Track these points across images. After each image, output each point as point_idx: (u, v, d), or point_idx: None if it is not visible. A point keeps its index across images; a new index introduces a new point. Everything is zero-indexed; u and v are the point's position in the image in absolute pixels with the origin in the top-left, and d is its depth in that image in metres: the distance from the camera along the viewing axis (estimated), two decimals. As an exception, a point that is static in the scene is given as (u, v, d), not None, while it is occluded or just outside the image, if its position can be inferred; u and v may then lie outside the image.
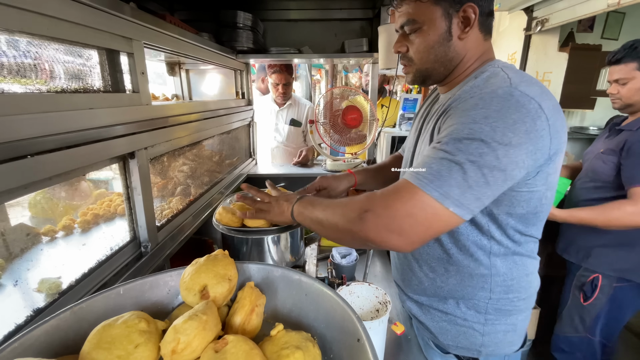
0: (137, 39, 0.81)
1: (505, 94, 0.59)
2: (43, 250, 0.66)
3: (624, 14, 4.11)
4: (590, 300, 1.48)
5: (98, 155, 0.67)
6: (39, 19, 0.54)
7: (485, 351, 0.79)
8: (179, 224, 1.08)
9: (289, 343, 0.44)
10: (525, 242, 0.75)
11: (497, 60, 0.74)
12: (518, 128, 0.57)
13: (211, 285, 0.51)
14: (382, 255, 1.54)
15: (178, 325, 0.42)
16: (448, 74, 0.76)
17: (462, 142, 0.57)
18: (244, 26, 1.63)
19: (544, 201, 0.69)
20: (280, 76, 2.20)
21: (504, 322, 0.78)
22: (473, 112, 0.60)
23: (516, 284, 0.76)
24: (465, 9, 0.68)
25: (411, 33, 0.73)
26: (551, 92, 2.42)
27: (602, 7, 2.59)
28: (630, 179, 1.25)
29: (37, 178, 0.54)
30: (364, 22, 1.82)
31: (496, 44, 3.81)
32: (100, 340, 0.40)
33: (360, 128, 1.91)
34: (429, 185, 0.57)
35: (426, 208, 0.57)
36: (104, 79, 0.75)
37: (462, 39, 0.71)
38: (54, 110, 0.56)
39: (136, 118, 0.79)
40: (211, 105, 1.36)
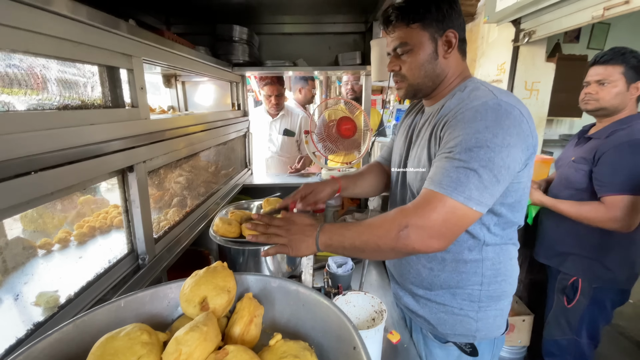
0: (137, 55, 0.83)
1: (495, 105, 0.72)
2: (40, 264, 0.66)
3: (609, 24, 4.25)
4: (573, 303, 1.51)
5: (99, 170, 0.69)
6: (44, 39, 0.56)
7: (479, 335, 0.91)
8: (176, 236, 1.09)
9: (288, 352, 0.45)
10: (510, 229, 0.88)
11: (474, 78, 0.89)
12: (512, 132, 0.70)
13: (211, 296, 0.52)
14: (378, 264, 1.55)
15: (180, 337, 0.43)
16: (435, 88, 0.89)
17: (473, 151, 0.69)
18: (239, 40, 1.67)
19: (525, 190, 0.84)
20: (273, 88, 2.25)
21: (493, 307, 0.90)
22: (475, 124, 0.71)
23: (503, 268, 0.89)
24: (448, 34, 0.83)
25: (403, 54, 0.86)
26: (540, 100, 2.52)
27: (586, 19, 2.69)
28: (601, 187, 1.31)
29: (41, 194, 0.55)
30: (357, 36, 1.87)
31: (486, 54, 3.91)
32: (103, 352, 0.41)
33: (354, 138, 1.94)
34: (454, 192, 0.68)
35: (456, 212, 0.68)
36: (104, 95, 0.77)
37: (446, 58, 0.85)
38: (57, 127, 0.58)
39: (135, 132, 0.81)
40: (209, 117, 1.39)
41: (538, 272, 2.04)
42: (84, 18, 0.62)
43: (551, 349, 1.65)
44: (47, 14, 0.55)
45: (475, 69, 4.18)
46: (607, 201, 1.28)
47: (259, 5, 1.58)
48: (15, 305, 0.60)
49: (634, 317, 2.66)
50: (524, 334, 1.83)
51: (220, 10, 1.62)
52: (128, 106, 0.83)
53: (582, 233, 1.45)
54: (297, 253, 0.78)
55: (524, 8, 2.93)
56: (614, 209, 1.26)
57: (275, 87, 2.25)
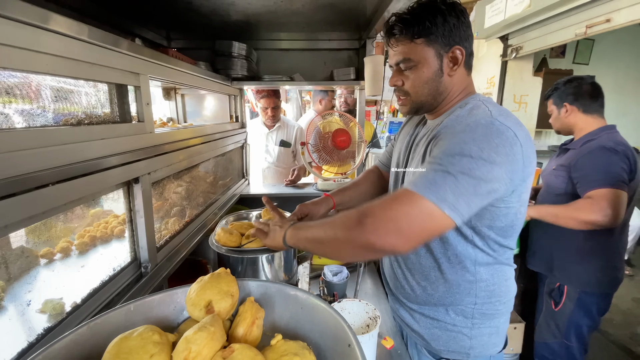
0: (144, 73, 0.88)
1: (487, 123, 0.70)
2: (45, 272, 0.69)
3: (593, 40, 4.43)
4: (559, 306, 1.58)
5: (108, 182, 0.73)
6: (65, 62, 0.61)
7: (473, 353, 0.88)
8: (176, 245, 1.12)
9: (288, 351, 0.49)
10: (503, 252, 0.84)
11: (478, 94, 0.87)
12: (500, 150, 0.66)
13: (215, 300, 0.56)
14: (373, 272, 1.59)
15: (189, 336, 0.46)
16: (438, 105, 0.86)
17: (455, 157, 0.66)
18: (238, 55, 1.73)
19: (518, 215, 0.80)
20: (269, 100, 2.32)
21: (488, 325, 0.87)
22: (462, 135, 0.69)
23: (497, 289, 0.85)
24: (454, 51, 0.79)
25: (406, 70, 0.82)
26: (529, 113, 2.65)
27: (570, 36, 2.82)
28: (584, 186, 1.40)
29: (55, 205, 0.59)
30: (351, 52, 1.95)
31: (476, 68, 4.03)
32: (119, 351, 0.45)
33: (349, 149, 2.00)
34: (427, 191, 0.64)
35: (423, 209, 0.64)
36: (113, 111, 0.81)
37: (451, 75, 0.81)
38: (71, 142, 0.62)
39: (141, 145, 0.85)
40: (209, 130, 1.43)
41: (530, 281, 2.09)
42: (99, 41, 0.67)
43: (543, 352, 1.70)
44: (71, 40, 0.60)
45: (466, 82, 4.31)
46: (593, 195, 1.35)
47: (257, 22, 1.65)
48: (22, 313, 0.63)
49: (624, 324, 2.71)
50: (516, 341, 1.87)
51: (219, 27, 1.69)
52: (134, 120, 0.88)
53: (567, 239, 1.53)
54: (267, 242, 0.86)
55: (510, 25, 3.07)
56: (600, 201, 1.32)
57: (271, 99, 2.32)
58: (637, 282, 3.35)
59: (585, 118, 1.55)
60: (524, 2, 2.80)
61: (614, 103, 4.56)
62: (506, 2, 3.00)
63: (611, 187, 1.32)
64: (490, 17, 3.24)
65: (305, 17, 1.55)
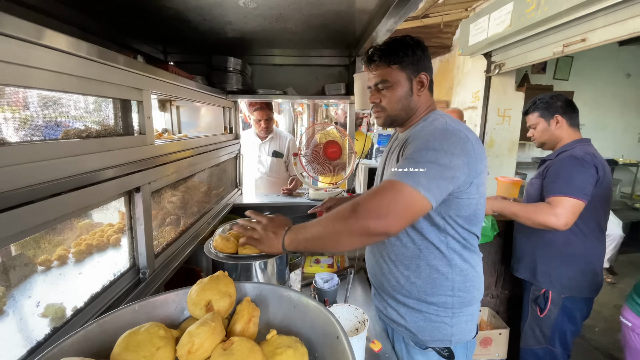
0: (146, 88, 0.94)
1: (443, 127, 0.91)
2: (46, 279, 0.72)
3: (572, 58, 4.66)
4: (545, 312, 1.63)
5: (112, 191, 0.77)
6: (73, 80, 0.66)
7: (455, 339, 1.01)
8: (173, 252, 1.16)
9: (282, 344, 0.54)
10: (471, 238, 1.00)
11: (438, 110, 1.07)
12: (456, 146, 0.85)
13: (215, 300, 0.61)
14: (362, 281, 1.63)
15: (192, 331, 0.51)
16: (407, 119, 1.06)
17: (422, 152, 0.84)
18: (233, 70, 1.80)
19: (479, 206, 0.97)
20: (262, 113, 2.40)
21: (465, 313, 1.02)
22: (426, 137, 0.89)
23: (470, 274, 1.01)
24: (421, 76, 1.01)
25: (383, 89, 1.02)
26: (512, 126, 2.80)
27: (548, 54, 2.99)
28: (548, 192, 1.50)
29: (63, 213, 0.63)
30: (342, 68, 2.04)
31: (462, 83, 4.22)
32: (128, 344, 0.49)
33: (340, 160, 2.07)
34: (405, 178, 0.79)
35: (404, 193, 0.78)
36: (117, 124, 0.86)
37: (419, 95, 1.03)
38: (81, 153, 0.67)
39: (143, 156, 0.90)
40: (205, 141, 1.49)
41: (514, 287, 2.16)
42: (109, 61, 0.72)
43: (528, 359, 1.75)
44: (87, 61, 0.66)
45: (453, 96, 4.48)
46: (552, 201, 1.46)
47: (252, 39, 1.72)
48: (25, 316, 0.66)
49: (607, 330, 2.80)
50: (501, 346, 1.93)
51: (215, 43, 1.76)
52: (136, 133, 0.93)
53: (548, 245, 1.61)
54: (263, 249, 0.90)
55: (493, 43, 3.24)
56: (555, 207, 1.43)
57: (264, 112, 2.39)
58: (619, 290, 3.46)
59: (569, 130, 1.64)
60: (505, 22, 2.96)
61: (592, 117, 4.78)
62: (489, 21, 3.17)
63: (569, 196, 1.42)
64: (474, 35, 3.41)
65: (298, 35, 1.64)
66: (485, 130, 3.77)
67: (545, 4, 2.51)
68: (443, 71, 4.86)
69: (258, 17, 1.34)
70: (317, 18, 1.36)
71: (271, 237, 0.89)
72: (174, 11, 1.25)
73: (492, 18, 3.14)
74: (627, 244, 4.22)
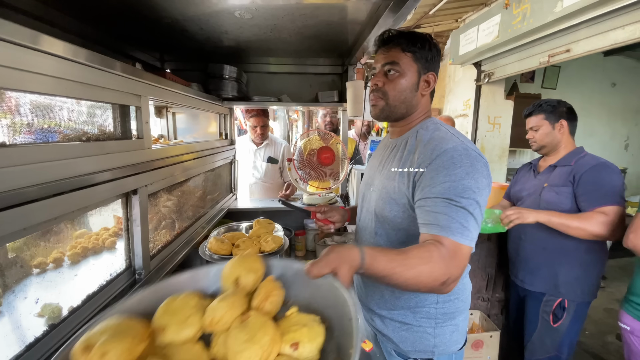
0: (145, 95, 0.97)
1: (465, 151, 0.82)
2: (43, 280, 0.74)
3: (559, 67, 4.79)
4: (560, 322, 1.61)
5: (111, 192, 0.80)
6: (76, 86, 0.70)
7: (437, 351, 0.96)
8: (168, 255, 1.18)
9: (299, 322, 0.58)
10: None
11: (434, 118, 0.99)
12: (483, 173, 0.81)
13: (242, 275, 0.68)
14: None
15: (213, 306, 0.60)
16: (404, 118, 0.97)
17: (463, 197, 0.77)
18: (229, 77, 1.85)
19: None
20: (258, 119, 2.44)
21: (449, 323, 0.96)
22: (456, 171, 0.80)
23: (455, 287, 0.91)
24: (429, 75, 0.94)
25: (391, 72, 0.92)
26: (502, 133, 2.84)
27: (535, 64, 3.09)
28: (592, 202, 1.47)
29: (65, 211, 0.66)
30: (335, 76, 2.10)
31: (453, 91, 4.32)
32: (166, 310, 0.59)
33: (333, 166, 2.11)
34: (464, 239, 0.76)
35: (466, 256, 0.77)
36: (116, 128, 0.89)
37: (423, 95, 0.96)
38: (82, 155, 0.70)
39: (141, 160, 0.93)
40: (201, 146, 1.52)
41: (502, 290, 2.20)
42: (111, 68, 0.76)
43: None
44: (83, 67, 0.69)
45: (444, 104, 4.58)
46: (604, 211, 1.43)
47: (248, 48, 1.77)
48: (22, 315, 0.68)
49: (596, 334, 2.84)
50: (492, 349, 1.95)
51: (212, 51, 1.80)
52: (134, 137, 0.96)
53: (569, 254, 1.57)
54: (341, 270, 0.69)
55: (482, 53, 3.34)
56: (612, 216, 1.41)
57: (260, 118, 2.44)
58: (608, 293, 3.52)
59: (569, 137, 1.66)
60: (493, 33, 3.07)
61: (580, 125, 4.82)
62: (478, 32, 3.27)
63: (618, 205, 1.43)
64: (464, 45, 3.51)
65: (292, 45, 1.69)
66: (477, 138, 3.85)
67: (530, 16, 2.61)
68: (435, 80, 4.95)
69: (253, 27, 1.39)
70: (311, 29, 1.42)
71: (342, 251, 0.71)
72: (171, 20, 1.29)
73: (481, 29, 3.24)
74: (617, 248, 4.28)
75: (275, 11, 1.21)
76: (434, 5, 3.42)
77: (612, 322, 3.01)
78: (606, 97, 5.03)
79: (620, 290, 3.56)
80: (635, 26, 2.11)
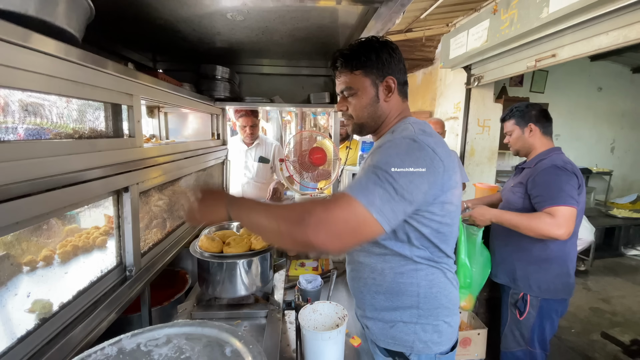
0: (136, 94, 0.99)
1: (410, 139, 0.83)
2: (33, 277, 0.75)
3: (547, 72, 4.91)
4: (524, 315, 1.69)
5: (102, 189, 0.81)
6: (66, 83, 0.71)
7: (417, 348, 0.95)
8: (159, 252, 1.19)
9: None
10: (436, 255, 0.94)
11: (410, 117, 1.00)
12: (420, 163, 0.78)
13: None
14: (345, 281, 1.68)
15: None
16: (378, 127, 1.01)
17: (381, 169, 0.77)
18: (222, 78, 1.86)
19: (443, 226, 0.90)
20: (247, 119, 2.47)
21: (431, 322, 0.95)
22: (389, 150, 0.81)
23: (436, 279, 0.95)
24: (387, 80, 0.95)
25: (349, 96, 0.97)
26: (492, 136, 2.92)
27: (522, 68, 3.16)
28: (542, 203, 1.55)
29: (58, 207, 0.67)
30: (327, 78, 2.13)
31: (444, 95, 4.39)
32: None
33: (325, 166, 2.14)
34: (360, 194, 0.74)
35: (358, 215, 0.72)
36: (107, 127, 0.91)
37: (387, 101, 0.97)
38: (74, 152, 0.71)
39: (132, 158, 0.95)
40: (193, 146, 1.53)
41: (492, 290, 2.25)
42: (103, 68, 0.78)
43: None
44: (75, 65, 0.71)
45: (435, 107, 4.65)
46: (551, 211, 1.50)
47: (240, 50, 1.79)
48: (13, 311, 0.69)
49: (582, 332, 2.91)
50: (480, 346, 2.00)
51: (204, 52, 1.82)
52: (126, 136, 0.98)
53: (526, 250, 1.67)
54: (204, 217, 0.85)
55: (472, 57, 3.41)
56: (556, 217, 1.48)
57: (250, 118, 2.47)
58: (593, 293, 3.60)
59: (542, 139, 1.72)
60: (482, 37, 3.13)
61: (567, 128, 5.02)
62: (467, 36, 3.34)
63: (565, 204, 1.48)
64: (454, 49, 3.57)
65: (284, 47, 1.72)
66: (466, 140, 3.92)
67: (518, 21, 2.68)
68: (426, 83, 5.04)
69: (245, 29, 1.41)
70: (302, 31, 1.44)
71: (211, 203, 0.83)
72: (164, 21, 1.31)
73: (470, 33, 3.31)
74: (602, 249, 4.41)
75: (266, 14, 1.23)
76: (425, 9, 3.48)
77: (598, 320, 3.09)
78: (592, 101, 5.16)
79: (606, 289, 3.65)
80: (618, 32, 2.18)
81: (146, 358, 0.60)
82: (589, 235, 3.40)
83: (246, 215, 0.80)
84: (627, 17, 2.07)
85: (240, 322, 1.19)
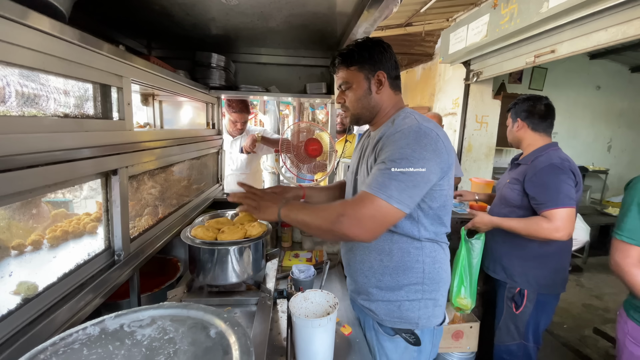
0: (126, 76, 0.97)
1: (416, 128, 0.95)
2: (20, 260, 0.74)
3: (546, 69, 4.90)
4: (521, 309, 1.70)
5: (89, 170, 0.80)
6: (54, 60, 0.69)
7: (421, 323, 1.06)
8: (149, 238, 1.18)
9: None
10: (439, 229, 1.06)
11: (407, 107, 1.12)
12: (428, 148, 0.91)
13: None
14: (339, 273, 1.68)
15: None
16: (373, 117, 1.12)
17: (395, 161, 0.90)
18: (217, 66, 1.84)
19: (448, 198, 1.04)
20: (241, 115, 2.49)
21: (432, 297, 1.07)
22: (400, 142, 0.93)
23: (438, 256, 1.08)
24: (378, 75, 1.07)
25: (346, 90, 1.10)
26: (489, 132, 2.94)
27: (522, 64, 3.14)
28: (540, 206, 1.54)
29: (43, 184, 0.66)
30: (324, 69, 2.11)
31: (443, 90, 4.37)
32: None
33: (321, 158, 2.12)
34: (378, 192, 0.88)
35: (381, 209, 0.88)
36: (95, 107, 0.89)
37: (379, 94, 1.09)
38: (61, 131, 0.70)
39: (121, 141, 0.93)
40: (186, 133, 1.52)
41: (485, 284, 2.25)
42: (90, 45, 0.76)
43: (503, 355, 1.81)
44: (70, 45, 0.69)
45: (434, 103, 4.63)
46: (549, 214, 1.50)
47: (236, 37, 1.77)
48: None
49: (574, 328, 2.93)
50: (472, 340, 2.00)
51: (199, 39, 1.79)
52: (116, 119, 0.96)
53: (524, 247, 1.67)
54: (261, 215, 1.04)
55: (471, 52, 3.39)
56: (554, 220, 1.48)
57: (243, 114, 2.47)
58: (587, 290, 3.63)
59: (532, 135, 1.71)
60: (482, 32, 3.11)
61: (565, 126, 5.02)
62: (467, 31, 3.32)
63: (563, 206, 1.48)
64: (454, 44, 3.55)
65: (280, 35, 1.69)
66: (464, 136, 3.91)
67: (517, 16, 2.66)
68: (425, 78, 5.02)
69: (240, 14, 1.39)
70: (298, 18, 1.42)
71: (268, 205, 1.03)
72: (158, 5, 1.28)
73: (470, 28, 3.29)
74: (597, 247, 4.43)
75: (261, -2, 1.21)
76: (425, 2, 3.45)
77: (590, 317, 3.11)
78: (590, 99, 5.15)
79: (599, 286, 3.68)
80: (617, 28, 2.17)
81: (129, 338, 0.59)
82: (585, 235, 3.40)
83: (294, 215, 0.98)
84: (626, 14, 2.06)
85: (230, 309, 1.19)
